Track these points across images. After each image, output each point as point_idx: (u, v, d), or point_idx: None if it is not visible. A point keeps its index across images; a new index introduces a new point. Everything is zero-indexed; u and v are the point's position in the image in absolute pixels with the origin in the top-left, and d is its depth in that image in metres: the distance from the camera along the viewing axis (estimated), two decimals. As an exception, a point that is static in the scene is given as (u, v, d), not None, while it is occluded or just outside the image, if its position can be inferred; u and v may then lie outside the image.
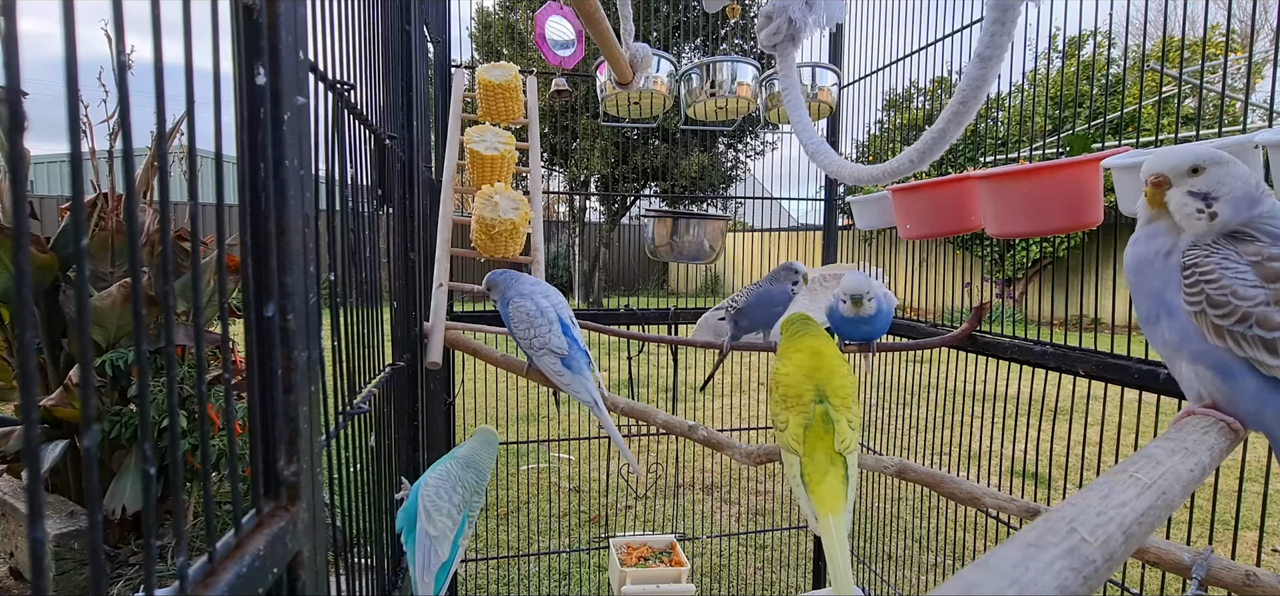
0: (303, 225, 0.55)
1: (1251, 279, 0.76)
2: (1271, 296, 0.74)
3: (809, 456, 1.13)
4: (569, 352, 1.41)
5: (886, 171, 1.09)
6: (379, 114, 1.24)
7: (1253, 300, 0.75)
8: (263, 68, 0.51)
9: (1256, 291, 0.75)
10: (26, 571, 2.74)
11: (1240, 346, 0.76)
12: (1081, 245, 6.94)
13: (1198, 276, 0.79)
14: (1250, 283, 0.76)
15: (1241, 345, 0.76)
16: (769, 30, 1.35)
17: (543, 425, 4.82)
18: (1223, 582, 0.95)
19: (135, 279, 0.37)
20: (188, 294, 2.99)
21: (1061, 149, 1.95)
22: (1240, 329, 0.75)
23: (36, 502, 0.30)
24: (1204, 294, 0.78)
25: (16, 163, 0.30)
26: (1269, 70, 1.25)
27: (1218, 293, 0.77)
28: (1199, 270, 0.79)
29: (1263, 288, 0.75)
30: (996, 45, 0.85)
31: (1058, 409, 1.72)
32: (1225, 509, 3.36)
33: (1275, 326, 0.74)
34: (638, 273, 12.44)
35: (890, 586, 2.57)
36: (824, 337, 1.27)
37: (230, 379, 0.53)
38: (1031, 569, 0.44)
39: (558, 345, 1.40)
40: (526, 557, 3.17)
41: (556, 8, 2.07)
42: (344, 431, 0.93)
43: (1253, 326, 0.75)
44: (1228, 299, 0.76)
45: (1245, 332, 0.75)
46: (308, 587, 0.56)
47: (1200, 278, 0.79)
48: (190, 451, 2.79)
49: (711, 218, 2.36)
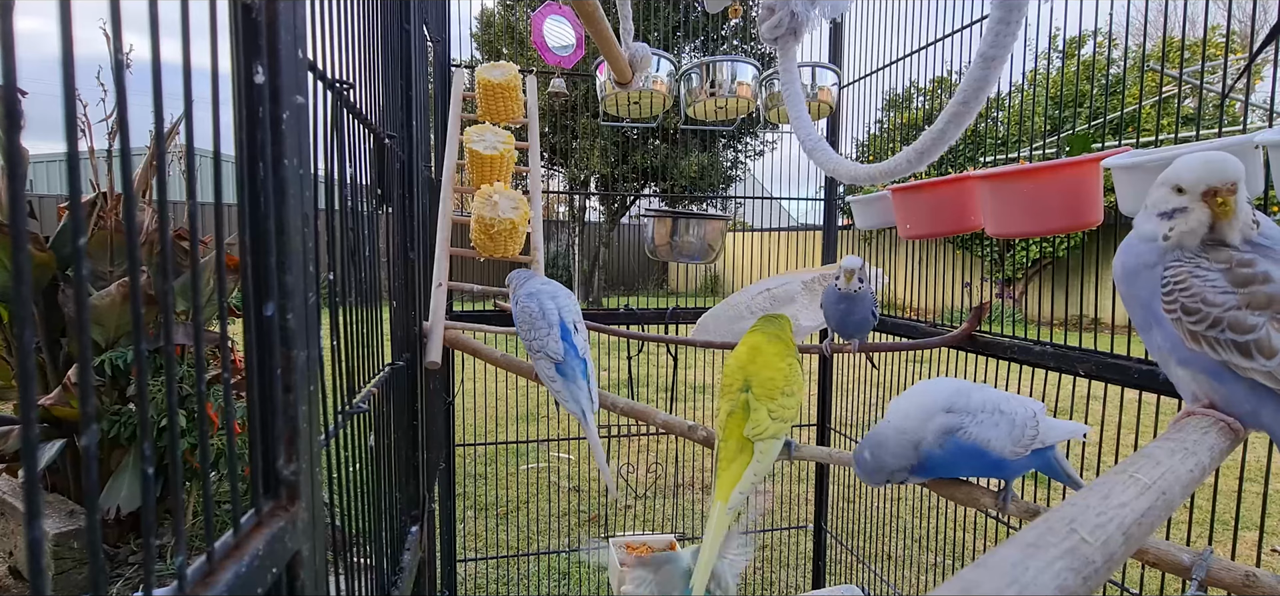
0: (302, 224, 0.55)
1: (1222, 285, 0.78)
2: (1243, 300, 0.77)
3: (724, 442, 1.17)
4: (564, 358, 1.39)
5: (884, 171, 1.09)
6: (378, 113, 1.24)
7: (1223, 305, 0.77)
8: (261, 67, 0.51)
9: (1227, 297, 0.77)
10: (26, 570, 2.74)
11: (1216, 350, 0.78)
12: (1081, 245, 6.94)
13: (1172, 286, 0.82)
14: (1221, 289, 0.78)
15: (1217, 349, 0.78)
16: (771, 23, 1.34)
17: (543, 425, 4.82)
18: (1222, 583, 0.95)
19: (134, 278, 0.37)
20: (187, 293, 2.99)
21: (1061, 149, 1.95)
22: (1213, 334, 0.78)
23: (34, 501, 0.30)
24: (1179, 303, 0.81)
25: (14, 162, 0.30)
26: (1269, 71, 1.25)
27: (1190, 300, 0.80)
28: (1174, 279, 0.82)
29: (1233, 293, 0.77)
30: (1001, 45, 0.85)
31: (1058, 409, 1.72)
32: (1225, 509, 3.36)
33: (1247, 329, 0.76)
34: (637, 272, 12.44)
35: (890, 586, 2.57)
36: (773, 336, 1.28)
37: (229, 378, 0.53)
38: (1031, 569, 0.44)
39: (553, 350, 1.39)
40: (526, 557, 3.17)
41: (555, 7, 2.07)
42: (343, 431, 0.93)
43: (1225, 331, 0.77)
44: (1199, 306, 0.79)
45: (1219, 337, 0.78)
46: (307, 587, 0.55)
47: (1175, 286, 0.82)
48: (189, 450, 2.79)
49: (711, 217, 2.36)
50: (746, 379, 1.20)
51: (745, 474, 1.13)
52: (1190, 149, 1.15)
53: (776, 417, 1.16)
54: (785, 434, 1.19)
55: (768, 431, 1.15)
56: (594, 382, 1.42)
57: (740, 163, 12.35)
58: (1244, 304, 0.76)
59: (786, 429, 1.19)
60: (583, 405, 1.37)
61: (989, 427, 1.08)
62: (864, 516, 2.65)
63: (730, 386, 1.22)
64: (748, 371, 1.21)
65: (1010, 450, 1.08)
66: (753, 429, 1.14)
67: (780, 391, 1.19)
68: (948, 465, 1.12)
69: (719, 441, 1.19)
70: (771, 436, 1.15)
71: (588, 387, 1.39)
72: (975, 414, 1.08)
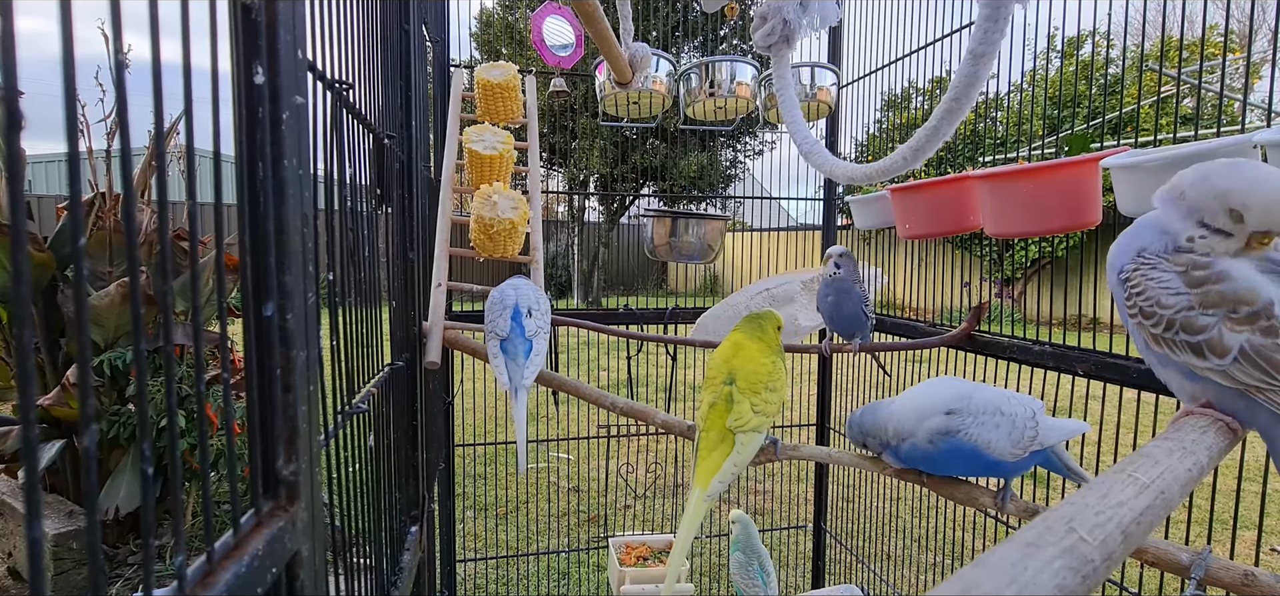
0: (301, 225, 0.55)
1: (1177, 286, 0.78)
2: (1196, 300, 0.76)
3: (704, 433, 1.19)
4: (508, 336, 1.42)
5: (879, 170, 1.09)
6: (378, 113, 1.24)
7: (1175, 308, 0.77)
8: (261, 67, 0.51)
9: (1179, 298, 0.77)
10: (25, 571, 2.73)
11: (1174, 352, 0.78)
12: (1080, 245, 6.94)
13: (1130, 291, 0.82)
14: (1174, 290, 0.78)
15: (1175, 351, 0.78)
16: (764, 31, 1.35)
17: (543, 425, 4.81)
18: (1221, 582, 0.95)
19: (133, 278, 0.37)
20: (186, 293, 2.99)
21: (1060, 149, 1.95)
22: (1169, 336, 0.78)
23: (34, 502, 0.30)
24: (1137, 307, 0.81)
25: (14, 162, 0.30)
26: (1267, 70, 1.26)
27: (1147, 304, 0.80)
28: (1131, 284, 0.82)
29: (1187, 293, 0.77)
30: (989, 42, 0.85)
31: (1057, 408, 1.72)
32: (1224, 508, 3.36)
33: (1199, 329, 0.76)
34: (636, 272, 12.44)
35: (890, 586, 2.57)
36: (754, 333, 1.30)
37: (229, 378, 0.53)
38: (1030, 568, 0.44)
39: (500, 328, 1.43)
40: (526, 557, 3.17)
41: (555, 7, 2.07)
42: (343, 431, 0.93)
43: (1178, 332, 0.77)
44: (1155, 309, 0.79)
45: (1174, 339, 0.78)
46: (307, 587, 0.55)
47: (1131, 291, 0.82)
48: (189, 451, 2.78)
49: (710, 217, 2.36)
50: (730, 372, 1.22)
51: (725, 464, 1.15)
52: (1191, 149, 1.15)
53: (759, 412, 1.18)
54: (766, 429, 1.20)
55: (749, 424, 1.16)
56: (533, 364, 1.41)
57: (739, 162, 12.36)
58: (1197, 304, 0.76)
59: (768, 424, 1.20)
60: (514, 381, 1.39)
61: (990, 429, 1.08)
62: (863, 516, 2.65)
63: (714, 378, 1.24)
64: (732, 365, 1.23)
65: (1010, 452, 1.08)
66: (735, 420, 1.16)
67: (764, 386, 1.21)
68: (943, 463, 1.14)
69: (700, 432, 1.21)
70: (753, 429, 1.17)
71: (523, 366, 1.40)
72: (977, 416, 1.09)
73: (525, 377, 1.38)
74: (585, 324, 2.10)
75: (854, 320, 1.78)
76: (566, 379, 1.61)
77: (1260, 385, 0.74)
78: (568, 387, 1.61)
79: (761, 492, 3.95)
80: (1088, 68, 3.83)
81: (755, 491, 3.97)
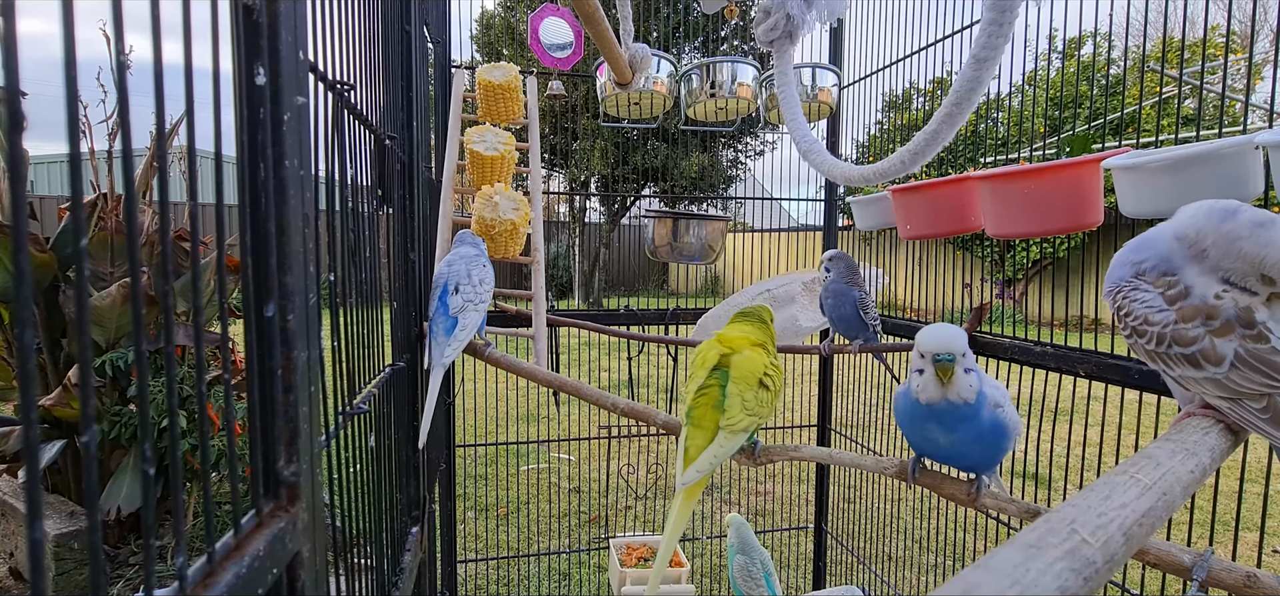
0: (303, 225, 0.55)
1: (1159, 303, 0.81)
2: (1177, 315, 0.79)
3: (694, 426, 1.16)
4: (432, 316, 1.44)
5: (879, 171, 1.09)
6: (379, 114, 1.24)
7: (1162, 323, 0.80)
8: (262, 68, 0.51)
9: (1165, 314, 0.80)
10: (26, 571, 2.74)
11: (1170, 366, 0.80)
12: (1082, 246, 6.94)
13: (1118, 313, 0.85)
14: (1158, 308, 0.81)
15: (1171, 365, 0.80)
16: (767, 26, 1.34)
17: (543, 425, 4.82)
18: (1223, 584, 0.95)
19: (135, 279, 0.37)
20: (187, 294, 2.99)
21: (1061, 149, 1.95)
22: (1162, 350, 0.80)
23: (35, 502, 0.30)
24: (1129, 327, 0.84)
25: (16, 163, 0.30)
26: (1269, 71, 1.25)
27: (1137, 323, 0.82)
28: (1117, 307, 0.85)
29: (1169, 309, 0.80)
30: (993, 46, 0.85)
31: (1058, 410, 1.72)
32: (1226, 510, 3.36)
33: (1189, 340, 0.77)
34: (637, 273, 12.44)
35: (890, 587, 2.57)
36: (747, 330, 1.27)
37: (230, 379, 0.53)
38: (1032, 569, 0.44)
39: (429, 310, 1.46)
40: (526, 558, 3.17)
41: (553, 9, 2.07)
42: (344, 431, 0.93)
43: (1171, 345, 0.79)
44: (1145, 327, 0.81)
45: (1168, 353, 0.79)
46: (307, 587, 0.55)
47: (1120, 314, 0.85)
48: (190, 451, 2.78)
49: (711, 218, 2.36)
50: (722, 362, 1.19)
51: (703, 454, 1.11)
52: (1192, 150, 1.15)
53: (750, 411, 1.14)
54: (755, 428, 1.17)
55: (740, 425, 1.12)
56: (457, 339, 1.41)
57: (740, 163, 12.36)
58: (1178, 318, 0.78)
59: (759, 422, 1.16)
60: (433, 358, 1.40)
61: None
62: (864, 517, 2.65)
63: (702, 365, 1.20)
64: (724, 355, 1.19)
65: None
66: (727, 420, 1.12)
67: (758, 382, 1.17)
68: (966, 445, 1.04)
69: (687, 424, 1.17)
70: (742, 430, 1.13)
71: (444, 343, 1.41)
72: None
73: (444, 356, 1.39)
74: (586, 324, 2.10)
75: (848, 322, 1.79)
76: (567, 379, 1.61)
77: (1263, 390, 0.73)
78: (568, 388, 1.61)
79: (762, 493, 3.95)
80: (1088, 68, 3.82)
81: (756, 492, 3.97)
